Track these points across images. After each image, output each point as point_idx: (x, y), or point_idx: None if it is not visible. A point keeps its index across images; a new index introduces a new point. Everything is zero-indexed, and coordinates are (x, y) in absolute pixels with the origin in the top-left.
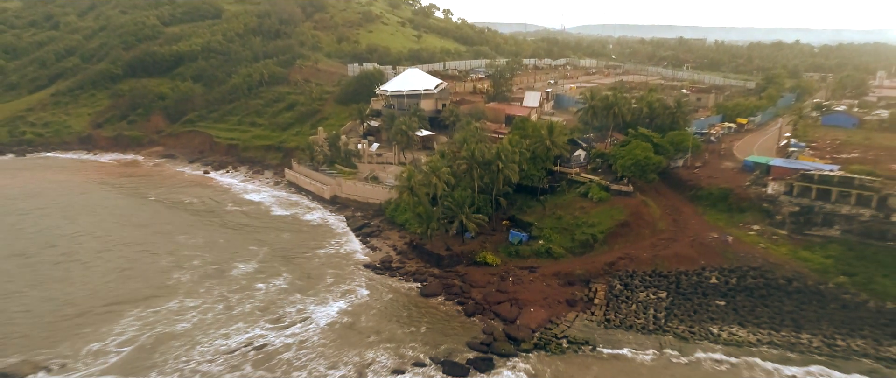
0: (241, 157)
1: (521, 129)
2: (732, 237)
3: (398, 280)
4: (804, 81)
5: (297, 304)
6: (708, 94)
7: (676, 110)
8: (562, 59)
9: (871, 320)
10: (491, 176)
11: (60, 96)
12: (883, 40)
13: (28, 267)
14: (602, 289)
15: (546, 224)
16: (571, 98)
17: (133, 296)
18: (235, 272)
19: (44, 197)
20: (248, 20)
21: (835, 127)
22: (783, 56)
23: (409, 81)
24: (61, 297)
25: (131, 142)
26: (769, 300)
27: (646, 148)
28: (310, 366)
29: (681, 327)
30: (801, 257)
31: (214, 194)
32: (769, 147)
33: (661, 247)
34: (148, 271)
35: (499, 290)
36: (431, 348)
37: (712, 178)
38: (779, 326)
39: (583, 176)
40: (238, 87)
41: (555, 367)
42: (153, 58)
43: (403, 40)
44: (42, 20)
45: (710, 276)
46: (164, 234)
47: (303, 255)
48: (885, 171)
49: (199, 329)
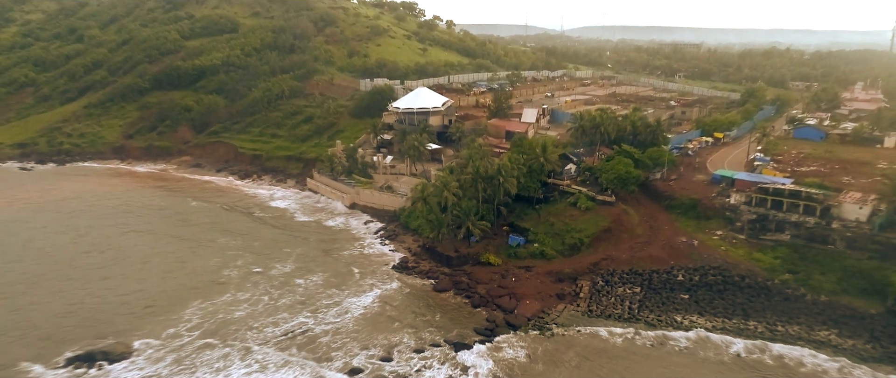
0: (265, 167)
1: (519, 147)
2: (698, 241)
3: (414, 277)
4: (785, 93)
5: (332, 297)
6: (692, 107)
7: (656, 128)
8: (559, 70)
9: (806, 310)
10: (493, 188)
11: (92, 108)
12: (882, 41)
13: (93, 265)
14: (587, 285)
15: (540, 229)
16: (566, 113)
17: (192, 290)
18: (274, 271)
19: (92, 203)
20: (264, 35)
21: (804, 140)
22: (772, 65)
23: (419, 99)
24: (130, 290)
25: (161, 152)
26: (725, 294)
27: (627, 163)
28: (345, 347)
29: (650, 316)
30: (754, 258)
31: (243, 201)
32: (740, 160)
33: (638, 249)
34: (199, 269)
35: (500, 286)
36: (445, 332)
37: (685, 189)
38: (731, 315)
39: (573, 187)
40: (259, 100)
41: (545, 347)
42: (177, 72)
43: (410, 54)
44: (66, 33)
45: (678, 274)
46: (206, 237)
47: (331, 256)
48: (835, 183)
49: (252, 317)
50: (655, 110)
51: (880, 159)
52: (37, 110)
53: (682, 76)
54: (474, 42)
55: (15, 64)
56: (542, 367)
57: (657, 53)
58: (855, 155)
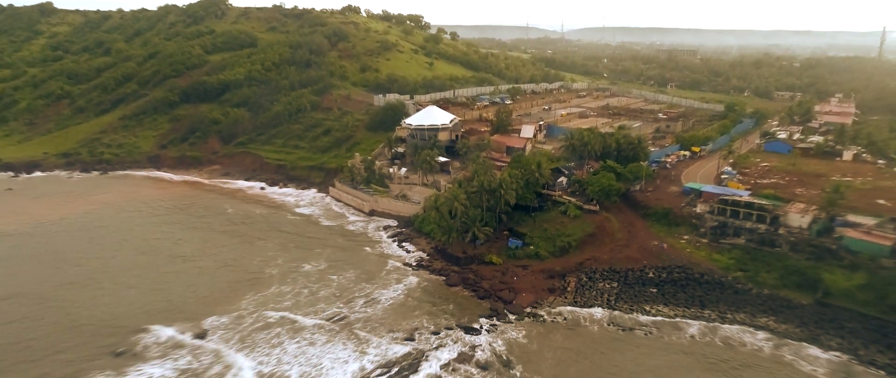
0: (289, 175)
1: (517, 163)
2: (667, 244)
3: (429, 274)
4: (767, 105)
5: (362, 290)
6: (676, 121)
7: (637, 145)
8: (556, 82)
9: (751, 301)
10: (495, 199)
11: (127, 120)
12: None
13: (151, 265)
14: (573, 281)
15: (535, 234)
16: (561, 128)
17: (242, 283)
18: (310, 268)
19: (140, 209)
20: (282, 51)
21: (774, 153)
22: (759, 75)
23: (429, 117)
24: (192, 284)
25: (193, 161)
26: (687, 288)
27: (610, 177)
28: (376, 330)
29: (624, 306)
30: (713, 259)
31: (273, 207)
32: (711, 173)
33: (617, 251)
34: (246, 267)
35: (501, 282)
36: (456, 318)
37: (659, 199)
38: (690, 305)
39: (563, 198)
40: (281, 113)
41: (538, 330)
42: (204, 86)
43: (417, 68)
44: (94, 46)
45: (649, 272)
46: (245, 239)
47: (357, 256)
48: (788, 194)
49: (296, 307)
50: (644, 123)
51: (835, 172)
52: (74, 121)
53: (673, 86)
54: (477, 55)
55: (50, 77)
56: (536, 347)
57: (653, 61)
58: (814, 168)
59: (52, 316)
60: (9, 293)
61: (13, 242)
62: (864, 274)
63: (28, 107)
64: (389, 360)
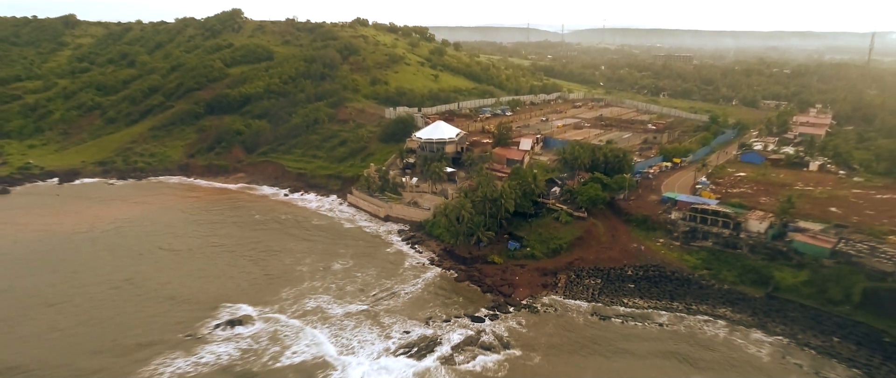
0: (310, 183)
1: (516, 175)
2: (645, 246)
3: (440, 271)
4: (751, 114)
5: (382, 285)
6: (663, 133)
7: (622, 158)
8: (554, 93)
9: (713, 295)
10: (496, 207)
11: (156, 130)
12: (880, 44)
13: (198, 261)
14: (564, 277)
15: (532, 237)
16: (556, 140)
17: (279, 279)
18: (336, 267)
19: (180, 213)
20: (298, 65)
21: (748, 163)
22: (748, 83)
23: (437, 131)
24: (234, 279)
25: (220, 169)
26: (660, 284)
27: (597, 188)
28: (397, 318)
29: (606, 299)
30: (683, 259)
31: (297, 212)
32: (688, 183)
33: (602, 252)
34: (279, 266)
35: (501, 278)
36: (464, 309)
37: (640, 207)
38: (661, 298)
39: (556, 206)
40: (299, 125)
41: (533, 319)
42: (227, 98)
43: (424, 80)
44: (118, 58)
45: (628, 270)
46: (275, 240)
47: (376, 256)
48: (753, 203)
49: (327, 301)
50: (633, 134)
51: (800, 181)
52: (106, 131)
53: (665, 95)
54: (479, 66)
55: (80, 88)
56: (532, 334)
57: (648, 69)
58: (781, 178)
59: (139, 294)
60: (102, 279)
61: (86, 240)
62: (808, 272)
63: (62, 117)
64: (409, 342)
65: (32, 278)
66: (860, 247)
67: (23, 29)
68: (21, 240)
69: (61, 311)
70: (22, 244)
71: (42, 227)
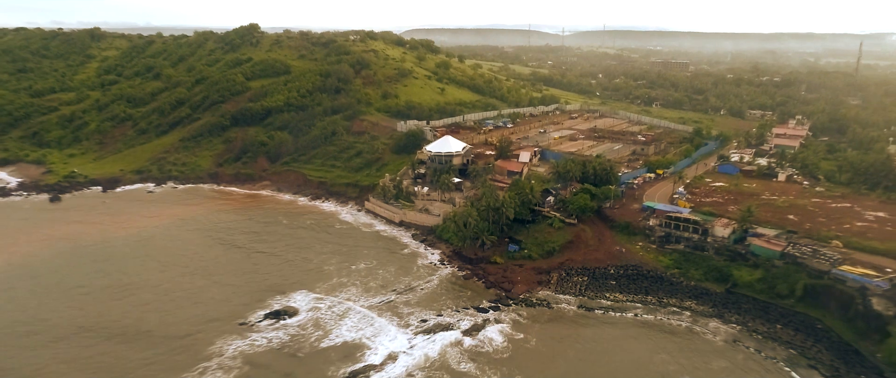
0: (330, 191)
1: (515, 186)
2: (626, 249)
3: (449, 270)
4: (735, 125)
5: (401, 282)
6: (650, 145)
7: (610, 170)
8: (552, 105)
9: (682, 290)
10: (498, 214)
11: (186, 141)
12: (878, 46)
13: (242, 259)
14: (556, 275)
15: (529, 241)
16: (552, 152)
17: (310, 275)
18: (361, 266)
19: (218, 218)
20: (314, 79)
21: (724, 174)
22: (738, 93)
23: (445, 145)
24: (273, 275)
25: (247, 178)
26: (637, 281)
27: (585, 198)
28: (415, 309)
29: (591, 294)
30: (658, 260)
31: (320, 218)
32: (668, 193)
33: (589, 254)
34: (308, 265)
35: (503, 276)
36: (471, 302)
37: (623, 215)
38: (637, 293)
39: (551, 213)
40: (317, 137)
41: (529, 311)
42: (250, 111)
43: (431, 93)
44: (144, 70)
45: (610, 269)
46: (304, 242)
47: (393, 257)
48: (722, 211)
49: (354, 295)
50: (623, 145)
51: (767, 191)
52: (139, 142)
53: (658, 105)
54: (483, 79)
55: (112, 100)
56: (528, 322)
57: (644, 77)
58: (751, 188)
59: (206, 281)
60: (175, 269)
61: (147, 239)
62: (762, 271)
63: (97, 128)
64: (426, 328)
65: (124, 266)
66: (804, 250)
67: (51, 42)
68: (109, 239)
69: (156, 291)
70: (104, 243)
71: (109, 229)
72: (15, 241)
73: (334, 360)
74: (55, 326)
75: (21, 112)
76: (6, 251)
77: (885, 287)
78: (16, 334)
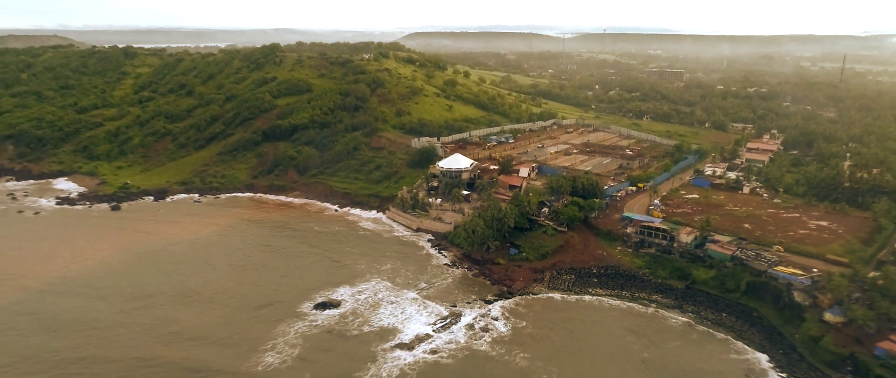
0: (354, 201)
1: (515, 200)
2: (606, 252)
3: (460, 270)
4: (719, 136)
5: (420, 278)
6: (634, 160)
7: (596, 185)
8: (550, 119)
9: (650, 286)
10: (501, 223)
11: (223, 155)
12: (875, 48)
13: (286, 260)
14: (548, 274)
15: (526, 245)
16: (548, 167)
17: (347, 273)
18: (386, 266)
19: (260, 224)
20: (335, 98)
21: (697, 187)
22: (724, 106)
23: (455, 162)
24: (315, 272)
25: (279, 188)
26: (614, 279)
27: (574, 209)
28: (433, 301)
29: (576, 289)
30: (633, 261)
31: (347, 224)
32: (645, 204)
33: (576, 257)
34: (342, 264)
35: (505, 275)
36: (478, 295)
37: (606, 224)
38: (614, 288)
39: (545, 222)
40: (340, 152)
41: (527, 302)
42: (279, 128)
43: (440, 110)
44: (177, 87)
45: (593, 269)
46: (336, 244)
47: (412, 258)
48: (689, 220)
49: (384, 289)
50: (612, 159)
51: (731, 203)
52: (179, 155)
53: (648, 118)
54: (486, 96)
55: (152, 116)
56: (526, 311)
57: (639, 88)
58: (719, 199)
59: (254, 280)
60: (233, 266)
61: (205, 243)
62: (715, 271)
63: (141, 142)
64: (443, 315)
65: (189, 268)
66: (749, 253)
67: (89, 60)
68: (172, 243)
69: (220, 288)
70: (167, 247)
71: (169, 235)
72: (96, 247)
73: (374, 339)
74: (164, 297)
75: (71, 127)
76: (95, 256)
77: (806, 283)
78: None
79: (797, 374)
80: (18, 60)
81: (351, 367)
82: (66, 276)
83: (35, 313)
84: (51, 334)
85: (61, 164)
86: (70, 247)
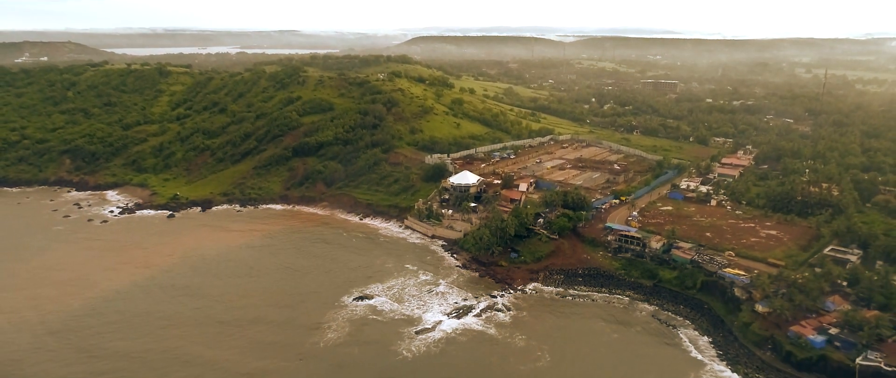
0: (376, 211)
1: (515, 212)
2: (590, 257)
3: (469, 271)
4: (701, 151)
5: (437, 276)
6: (620, 175)
7: (583, 199)
8: (547, 135)
9: (625, 285)
10: (503, 232)
11: (259, 169)
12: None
13: (323, 263)
14: (543, 274)
15: (524, 250)
16: (545, 182)
17: (376, 273)
18: (408, 267)
19: (296, 232)
20: (355, 117)
21: (673, 199)
22: (708, 120)
23: (464, 178)
24: (348, 272)
25: (310, 199)
26: (596, 278)
27: (564, 220)
28: (448, 296)
29: (565, 286)
30: (612, 264)
31: (371, 232)
32: (625, 215)
33: (565, 260)
34: (372, 265)
35: (507, 275)
36: (485, 291)
37: (591, 232)
38: (595, 286)
39: (540, 231)
40: (362, 167)
41: (524, 296)
42: (307, 145)
43: (449, 128)
44: (210, 105)
45: (579, 270)
46: (360, 250)
47: (429, 261)
48: (660, 229)
49: (408, 285)
50: (601, 174)
51: (699, 214)
52: (218, 169)
53: (638, 132)
54: (490, 114)
55: (191, 133)
56: (524, 304)
57: (632, 101)
58: (689, 211)
59: (300, 278)
60: (279, 268)
61: (255, 247)
62: (678, 272)
63: (183, 157)
64: (457, 307)
65: (244, 269)
66: (705, 257)
67: (127, 78)
68: (227, 247)
69: (273, 284)
70: (226, 251)
71: (222, 240)
72: (169, 250)
73: (403, 324)
74: (228, 299)
75: (119, 143)
76: (167, 259)
77: (745, 282)
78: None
79: (730, 351)
80: (63, 79)
81: (388, 341)
82: (171, 265)
83: (170, 286)
84: (191, 297)
85: (114, 177)
86: (158, 246)
